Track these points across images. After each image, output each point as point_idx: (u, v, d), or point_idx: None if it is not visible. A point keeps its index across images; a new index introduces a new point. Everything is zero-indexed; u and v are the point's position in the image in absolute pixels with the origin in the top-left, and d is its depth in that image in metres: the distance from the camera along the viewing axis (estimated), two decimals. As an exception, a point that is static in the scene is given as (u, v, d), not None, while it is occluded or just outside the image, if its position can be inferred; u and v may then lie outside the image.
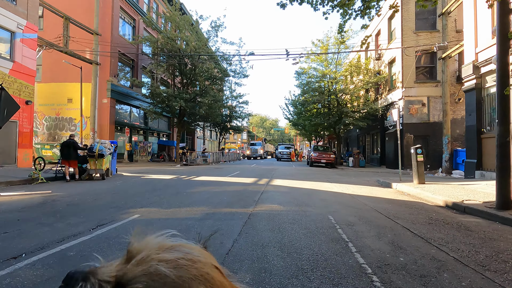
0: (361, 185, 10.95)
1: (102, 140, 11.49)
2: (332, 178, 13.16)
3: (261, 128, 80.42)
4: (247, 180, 11.23)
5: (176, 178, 11.64)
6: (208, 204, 6.08)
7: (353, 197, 7.77)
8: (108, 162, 12.04)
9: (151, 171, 14.81)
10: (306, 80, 24.84)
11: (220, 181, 10.70)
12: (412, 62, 19.04)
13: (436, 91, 18.84)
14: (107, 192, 7.62)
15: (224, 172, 14.80)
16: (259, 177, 12.61)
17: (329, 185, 10.38)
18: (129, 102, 22.99)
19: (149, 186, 8.98)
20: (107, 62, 20.84)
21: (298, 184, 10.31)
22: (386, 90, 21.61)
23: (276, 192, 7.98)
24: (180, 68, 22.35)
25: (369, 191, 9.18)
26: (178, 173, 13.80)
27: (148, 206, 5.80)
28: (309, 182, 11.09)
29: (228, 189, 8.45)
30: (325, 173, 15.82)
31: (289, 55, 16.00)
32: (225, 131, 37.64)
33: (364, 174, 16.34)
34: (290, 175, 14.21)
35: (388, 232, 4.34)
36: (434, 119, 18.80)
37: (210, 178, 11.73)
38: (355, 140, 29.62)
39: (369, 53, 24.98)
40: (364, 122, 21.24)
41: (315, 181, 11.64)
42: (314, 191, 8.50)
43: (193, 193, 7.50)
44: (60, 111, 21.12)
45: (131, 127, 23.54)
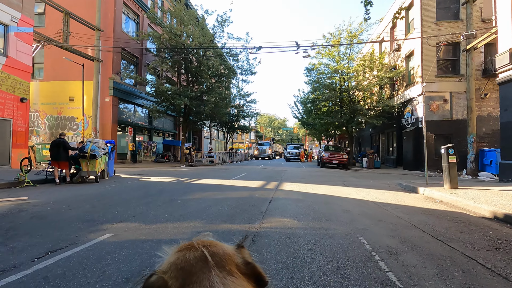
0: (382, 189, 9.57)
1: (95, 139, 10.42)
2: (348, 181, 11.79)
3: (269, 128, 79.03)
4: (254, 183, 9.98)
5: (176, 181, 10.48)
6: (204, 218, 4.85)
7: (380, 206, 6.43)
8: (104, 163, 10.98)
9: (152, 173, 13.73)
10: (316, 76, 23.43)
11: (223, 185, 9.48)
12: (433, 54, 17.45)
13: (459, 86, 17.20)
14: (90, 199, 6.48)
15: (229, 174, 13.60)
16: (267, 180, 11.34)
17: (346, 190, 9.04)
18: (133, 101, 22.05)
19: (142, 191, 7.82)
20: (109, 59, 19.92)
21: (312, 188, 9.00)
22: (403, 86, 20.03)
23: (287, 200, 6.69)
24: (185, 65, 21.28)
25: (395, 197, 7.81)
26: (180, 175, 12.66)
27: (128, 220, 4.60)
28: (324, 186, 9.76)
29: (231, 195, 7.21)
30: (339, 175, 14.44)
31: (300, 48, 14.67)
32: (233, 130, 36.52)
33: (382, 176, 14.88)
34: (301, 177, 12.89)
35: (450, 266, 3.01)
36: (458, 116, 17.17)
37: (213, 181, 10.52)
38: (368, 139, 28.02)
39: (383, 47, 23.41)
40: (379, 120, 19.71)
41: (330, 184, 10.31)
42: (332, 198, 7.19)
43: (189, 201, 6.28)
44: (62, 110, 20.31)
45: (135, 126, 22.60)
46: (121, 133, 21.20)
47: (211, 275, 0.55)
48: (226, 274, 0.56)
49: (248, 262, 0.63)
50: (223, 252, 0.61)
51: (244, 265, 0.62)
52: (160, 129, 26.68)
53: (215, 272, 0.55)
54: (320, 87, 22.88)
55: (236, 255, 0.63)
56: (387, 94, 22.42)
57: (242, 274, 0.60)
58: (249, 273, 0.62)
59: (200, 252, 0.59)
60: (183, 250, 0.61)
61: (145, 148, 22.54)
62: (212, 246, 0.62)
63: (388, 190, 9.51)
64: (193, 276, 0.54)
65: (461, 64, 17.31)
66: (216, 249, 0.61)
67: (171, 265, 0.58)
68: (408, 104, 19.29)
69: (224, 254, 0.61)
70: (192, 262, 0.57)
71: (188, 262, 0.57)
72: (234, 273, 0.58)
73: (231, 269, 0.58)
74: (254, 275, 0.63)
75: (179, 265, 0.57)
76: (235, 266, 0.60)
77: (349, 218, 5.04)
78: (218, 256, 0.59)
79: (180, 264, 0.57)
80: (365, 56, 20.83)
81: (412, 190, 9.74)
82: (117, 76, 20.16)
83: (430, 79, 17.19)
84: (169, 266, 0.58)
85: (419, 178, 13.55)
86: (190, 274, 0.55)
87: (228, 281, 0.55)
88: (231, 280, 0.55)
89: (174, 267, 0.57)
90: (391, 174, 16.36)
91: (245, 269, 0.62)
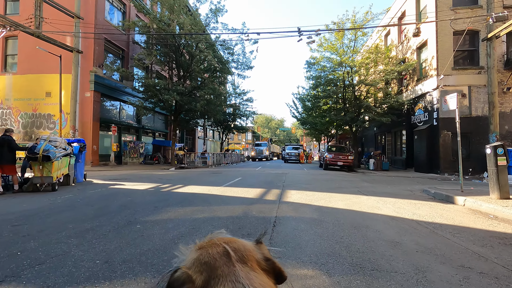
0: (409, 198, 7.57)
1: (51, 137, 8.25)
2: (362, 187, 9.74)
3: (266, 129, 76.84)
4: (250, 192, 7.88)
5: (154, 188, 8.34)
6: (160, 268, 2.74)
7: (430, 229, 4.38)
8: (66, 166, 8.82)
9: (131, 177, 11.58)
10: (317, 73, 21.40)
11: (211, 194, 7.36)
12: (449, 44, 15.52)
13: (479, 79, 15.28)
14: (10, 221, 4.35)
15: (221, 179, 11.48)
16: (266, 186, 9.25)
17: (367, 200, 6.99)
18: (118, 97, 19.84)
19: (99, 206, 5.68)
20: (90, 50, 17.73)
21: (326, 199, 6.92)
22: (414, 81, 18.08)
23: (298, 222, 4.59)
24: (176, 58, 19.15)
25: (435, 212, 5.82)
26: (163, 180, 10.52)
27: (13, 280, 2.49)
28: (338, 195, 7.69)
29: (218, 213, 5.09)
30: (348, 180, 12.39)
31: (302, 34, 12.63)
32: (228, 130, 34.39)
33: (396, 180, 12.87)
34: (306, 182, 10.82)
35: None
36: (477, 113, 15.23)
37: (200, 188, 8.40)
38: (372, 139, 26.06)
39: (390, 39, 21.48)
40: (388, 117, 17.73)
41: (343, 192, 8.25)
42: (358, 217, 5.12)
43: (154, 226, 4.16)
44: (38, 106, 18.05)
45: (121, 125, 20.39)
46: (105, 133, 19.00)
47: (236, 269, 0.54)
48: (249, 270, 0.56)
49: (268, 258, 0.63)
50: (244, 248, 0.61)
51: (264, 261, 0.62)
52: (150, 129, 24.47)
53: (239, 267, 0.55)
54: (322, 82, 20.85)
55: (256, 251, 0.63)
56: (394, 90, 20.47)
57: (262, 270, 0.59)
58: (269, 269, 0.61)
59: (222, 248, 0.58)
60: (204, 247, 0.60)
61: (132, 148, 20.34)
62: (232, 242, 0.61)
63: (417, 199, 7.50)
64: (218, 270, 0.53)
65: (481, 55, 15.39)
66: (237, 245, 0.61)
67: (194, 261, 0.56)
68: (420, 100, 17.34)
69: (245, 250, 0.60)
70: (216, 257, 0.56)
71: (212, 257, 0.56)
72: (255, 269, 0.58)
73: (252, 265, 0.58)
74: (273, 271, 0.62)
75: (203, 260, 0.56)
76: (256, 262, 0.60)
77: (409, 263, 2.95)
78: (240, 252, 0.59)
79: (204, 259, 0.56)
80: (372, 49, 18.85)
81: (446, 199, 7.74)
82: (99, 69, 17.96)
83: (446, 72, 15.25)
84: (193, 261, 0.56)
85: (443, 183, 11.54)
86: (214, 268, 0.54)
87: (252, 275, 0.54)
88: (254, 275, 0.55)
89: (198, 262, 0.56)
90: (405, 177, 14.36)
91: (265, 265, 0.61)
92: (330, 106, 22.92)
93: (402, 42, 19.80)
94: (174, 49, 18.96)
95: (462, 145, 15.78)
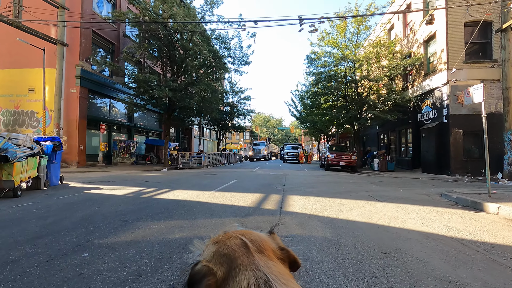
0: (429, 205, 6.43)
1: (12, 134, 7.00)
2: (372, 191, 8.56)
3: (264, 128, 75.51)
4: (246, 198, 6.68)
5: (134, 194, 7.12)
6: None
7: (483, 253, 3.23)
8: (34, 168, 7.59)
9: (115, 180, 10.35)
10: (318, 69, 20.22)
11: (199, 202, 6.15)
12: (460, 36, 14.40)
13: (491, 73, 14.16)
14: None
15: (215, 182, 10.27)
16: (265, 190, 8.05)
17: (383, 207, 5.82)
18: (108, 94, 18.57)
19: (52, 219, 4.46)
20: (76, 43, 16.45)
21: (336, 207, 5.73)
22: (421, 76, 16.94)
23: (308, 245, 3.39)
24: (169, 53, 17.90)
25: (471, 225, 4.68)
26: (148, 184, 9.29)
27: None
28: (349, 201, 6.51)
29: (202, 231, 3.85)
30: (354, 181, 11.22)
31: (304, 22, 11.45)
32: (226, 130, 33.17)
33: (406, 182, 11.71)
34: (309, 185, 9.63)
35: None
36: (490, 110, 14.10)
37: (187, 194, 7.18)
38: (374, 138, 24.92)
39: (395, 33, 20.34)
40: (394, 115, 16.58)
41: (353, 197, 7.07)
42: (384, 234, 3.93)
43: (107, 254, 2.95)
44: (20, 103, 16.76)
45: (111, 123, 19.12)
46: (93, 131, 17.74)
47: (255, 259, 0.54)
48: (267, 259, 0.56)
49: (283, 247, 0.64)
50: (260, 239, 0.61)
51: (279, 250, 0.62)
52: (143, 127, 23.21)
53: (257, 257, 0.55)
54: (323, 78, 19.67)
55: (271, 241, 0.63)
56: (399, 86, 19.33)
57: (278, 259, 0.60)
58: (284, 258, 0.62)
59: (239, 239, 0.59)
60: (221, 240, 0.60)
61: (122, 148, 19.07)
62: (248, 234, 0.62)
63: (439, 206, 6.36)
64: (238, 260, 0.54)
65: (494, 48, 14.27)
66: (253, 236, 0.61)
67: (213, 254, 0.56)
68: (427, 96, 16.21)
69: (261, 240, 0.61)
70: (235, 248, 0.56)
71: (230, 248, 0.56)
72: (272, 258, 0.58)
73: (269, 254, 0.58)
74: (288, 259, 0.63)
75: (222, 252, 0.56)
76: (272, 251, 0.60)
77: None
78: (257, 242, 0.59)
79: (223, 251, 0.56)
80: (375, 42, 17.69)
81: (473, 206, 6.59)
82: (86, 63, 16.69)
83: (457, 66, 14.12)
84: (212, 254, 0.57)
85: (459, 185, 10.39)
86: (234, 259, 0.54)
87: (270, 264, 0.55)
88: (272, 264, 0.55)
89: (217, 254, 0.56)
90: (414, 179, 13.22)
91: (280, 254, 0.62)
92: (331, 104, 21.76)
93: (408, 36, 18.66)
94: (167, 42, 17.72)
95: (474, 144, 14.66)
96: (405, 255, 3.11)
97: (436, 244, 3.60)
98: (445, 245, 3.57)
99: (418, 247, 3.42)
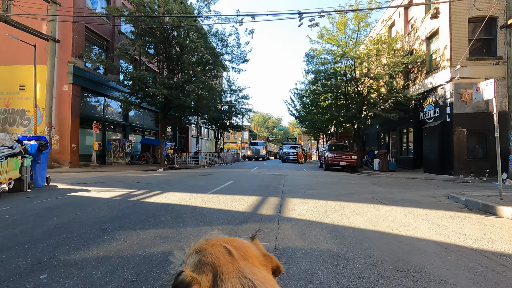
0: (438, 208, 5.98)
1: (-11, 133, 6.49)
2: (375, 192, 8.09)
3: (263, 127, 74.96)
4: (241, 202, 6.18)
5: (122, 197, 6.61)
6: None
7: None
8: (16, 169, 7.07)
9: (105, 181, 9.84)
10: (317, 67, 19.75)
11: (190, 206, 5.65)
12: (464, 32, 13.95)
13: (496, 71, 13.72)
14: None
15: (210, 183, 9.78)
16: (262, 193, 7.56)
17: (389, 211, 5.34)
18: (102, 92, 18.02)
19: (23, 227, 3.95)
20: (68, 39, 15.89)
21: (339, 212, 5.25)
22: (423, 74, 16.48)
23: (311, 262, 2.88)
24: (165, 50, 17.36)
25: (489, 232, 4.24)
26: (140, 185, 8.79)
27: None
28: (352, 204, 6.03)
29: (188, 244, 3.40)
30: (356, 182, 10.75)
31: (303, 17, 10.95)
32: (224, 129, 32.65)
33: (409, 183, 11.26)
34: (309, 186, 9.15)
35: None
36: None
37: (179, 197, 6.68)
38: (374, 138, 24.47)
39: (395, 30, 19.87)
40: (396, 113, 16.13)
41: (357, 200, 6.59)
42: (396, 245, 3.44)
43: (69, 276, 2.45)
44: (11, 101, 16.18)
45: (105, 122, 18.58)
46: (86, 130, 17.20)
47: (240, 266, 0.53)
48: (251, 266, 0.55)
49: (266, 254, 0.63)
50: (244, 246, 0.60)
51: (262, 256, 0.61)
52: (139, 126, 22.67)
53: (243, 264, 0.54)
54: (322, 76, 19.20)
55: (254, 248, 0.62)
56: (400, 85, 18.87)
57: (261, 265, 0.59)
58: (267, 264, 0.61)
59: (223, 247, 0.57)
60: (204, 249, 0.58)
61: (117, 147, 18.54)
62: (231, 241, 0.61)
63: (448, 210, 5.90)
64: (223, 267, 0.52)
65: (498, 44, 13.82)
66: (237, 243, 0.60)
67: (197, 263, 0.55)
68: (429, 95, 15.76)
69: (245, 247, 0.59)
70: (219, 256, 0.54)
71: (214, 256, 0.54)
72: (256, 264, 0.57)
73: (253, 261, 0.57)
74: (271, 265, 0.62)
75: (206, 261, 0.54)
76: (256, 258, 0.59)
77: None
78: (241, 250, 0.58)
79: (207, 259, 0.54)
80: (376, 39, 17.22)
81: (484, 209, 6.13)
82: (78, 60, 16.14)
83: (461, 63, 13.67)
84: (195, 264, 0.55)
85: (465, 186, 9.93)
86: (219, 266, 0.52)
87: (255, 271, 0.54)
88: (257, 271, 0.54)
89: (201, 263, 0.54)
90: (417, 179, 12.76)
91: (264, 260, 0.60)
92: (331, 103, 21.29)
93: (409, 33, 18.20)
94: (163, 39, 17.19)
95: (478, 143, 14.22)
96: (426, 274, 2.63)
97: (457, 258, 3.12)
98: (468, 259, 3.09)
99: (438, 263, 2.94)
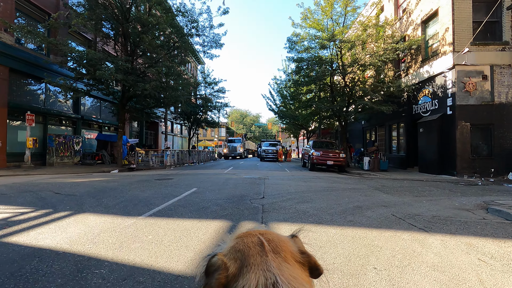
0: (500, 236, 3.59)
1: None
2: (390, 205, 5.69)
3: (241, 124, 72.06)
4: (189, 241, 3.51)
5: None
6: None
7: None
8: None
9: (6, 192, 6.70)
10: (299, 56, 17.38)
11: (77, 258, 2.88)
12: (468, 13, 12.08)
13: (502, 57, 11.97)
14: None
15: (160, 193, 6.95)
16: (232, 210, 4.92)
17: (443, 249, 2.89)
18: (42, 76, 14.41)
19: None
20: (-10, 6, 12.24)
21: (372, 262, 2.73)
22: (418, 62, 14.57)
23: None
24: (122, 27, 14.10)
25: None
26: (52, 199, 5.80)
27: None
28: (378, 233, 3.54)
29: None
30: (354, 187, 8.37)
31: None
32: (198, 125, 29.56)
33: (414, 187, 9.07)
34: (300, 197, 6.62)
35: None
36: (501, 99, 11.93)
37: (86, 229, 3.86)
38: (358, 134, 22.60)
39: (384, 16, 17.91)
40: (389, 106, 14.11)
41: (379, 225, 4.11)
42: None
43: None
44: None
45: (46, 114, 14.98)
46: (18, 123, 13.60)
47: (268, 259, 0.53)
48: (281, 260, 0.55)
49: (303, 251, 0.62)
50: (278, 239, 0.60)
51: (299, 253, 0.60)
52: (94, 120, 19.12)
53: (271, 257, 0.54)
54: (305, 65, 16.84)
55: (291, 243, 0.62)
56: (389, 76, 16.96)
57: (297, 262, 0.58)
58: (304, 262, 0.59)
59: (257, 238, 0.59)
60: (241, 236, 0.61)
61: (61, 145, 15.02)
62: (267, 233, 0.62)
63: (507, 237, 3.57)
64: (251, 258, 0.54)
65: (504, 28, 12.09)
66: (272, 236, 0.60)
67: (230, 249, 0.58)
68: (425, 85, 13.86)
69: (279, 241, 0.60)
70: (250, 246, 0.56)
71: (246, 245, 0.57)
72: (289, 260, 0.56)
73: (286, 256, 0.57)
74: (309, 264, 0.60)
75: (238, 248, 0.57)
76: (290, 253, 0.58)
77: None
78: (274, 242, 0.58)
79: (239, 247, 0.57)
80: (367, 22, 15.10)
81: None
82: (5, 35, 12.52)
83: (464, 48, 11.80)
84: (229, 249, 0.58)
85: (483, 190, 7.82)
86: (248, 256, 0.54)
87: (284, 266, 0.54)
88: (286, 266, 0.54)
89: (233, 250, 0.57)
90: (418, 181, 10.70)
91: (300, 257, 0.60)
92: (314, 95, 19.04)
93: (401, 18, 16.28)
94: (120, 14, 13.96)
95: (482, 139, 12.44)
96: None
97: None
98: None
99: None
